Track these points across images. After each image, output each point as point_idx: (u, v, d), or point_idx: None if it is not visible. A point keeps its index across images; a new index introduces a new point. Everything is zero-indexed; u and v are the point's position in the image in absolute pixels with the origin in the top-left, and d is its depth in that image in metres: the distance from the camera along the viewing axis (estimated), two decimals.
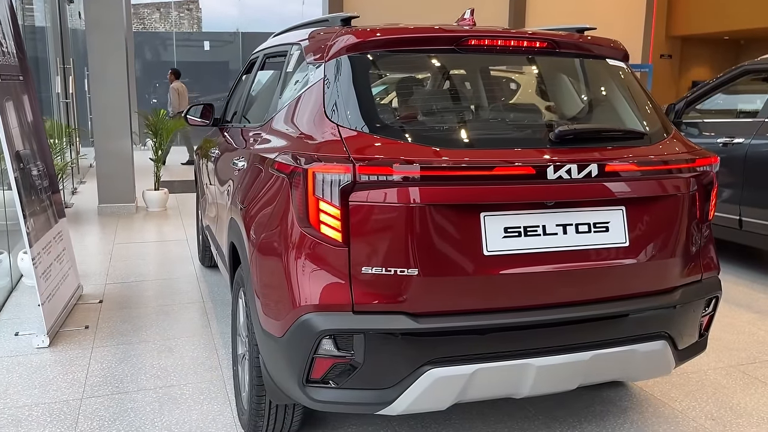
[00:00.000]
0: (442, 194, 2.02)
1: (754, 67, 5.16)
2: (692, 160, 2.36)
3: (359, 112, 2.17)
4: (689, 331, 2.42)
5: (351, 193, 2.00)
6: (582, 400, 2.96)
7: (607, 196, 2.19)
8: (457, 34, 2.34)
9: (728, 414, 2.88)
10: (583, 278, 2.18)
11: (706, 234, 2.48)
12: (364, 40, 2.30)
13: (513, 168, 2.06)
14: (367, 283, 2.03)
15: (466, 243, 2.06)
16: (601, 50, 2.59)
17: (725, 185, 4.95)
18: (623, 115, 2.53)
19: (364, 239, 2.02)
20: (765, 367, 3.39)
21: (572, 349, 2.17)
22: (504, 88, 2.83)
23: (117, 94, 7.24)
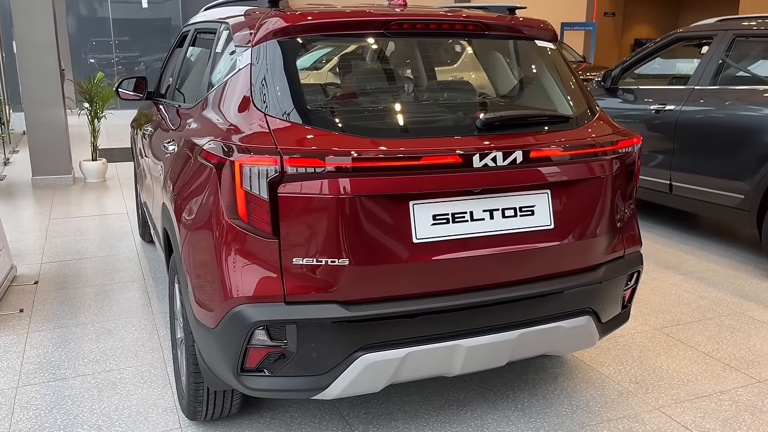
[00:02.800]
0: (371, 184, 2.03)
1: (686, 34, 5.29)
2: (616, 141, 2.44)
3: (287, 101, 2.14)
4: (612, 305, 2.55)
5: (279, 185, 1.99)
6: (515, 369, 3.09)
7: (533, 181, 2.25)
8: (387, 18, 2.32)
9: (651, 376, 3.06)
10: (509, 261, 2.25)
11: (629, 211, 2.59)
12: (292, 24, 2.26)
13: (440, 157, 2.09)
14: (298, 274, 2.05)
15: (395, 231, 2.09)
16: (531, 31, 2.61)
17: (657, 151, 5.12)
18: (551, 97, 2.58)
19: (294, 230, 2.03)
20: (687, 329, 3.59)
21: (500, 329, 2.26)
22: (434, 72, 2.84)
23: (46, 56, 6.89)
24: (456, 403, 2.80)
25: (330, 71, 2.55)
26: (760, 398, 2.86)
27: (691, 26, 5.35)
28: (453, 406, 2.78)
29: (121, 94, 4.08)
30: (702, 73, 4.90)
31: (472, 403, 2.81)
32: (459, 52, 2.74)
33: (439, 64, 2.88)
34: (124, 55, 18.09)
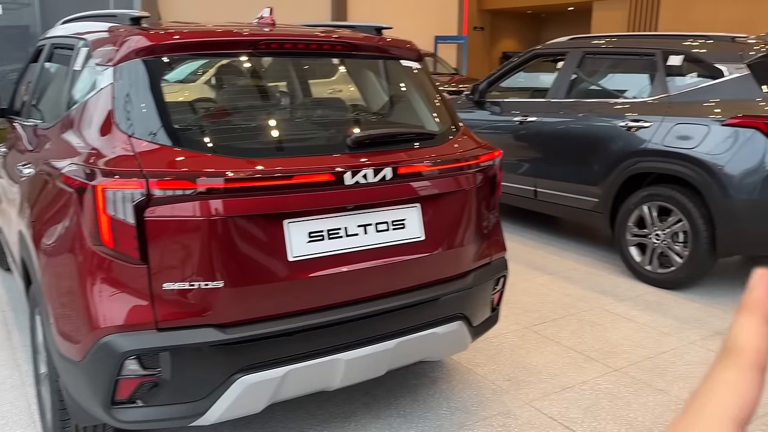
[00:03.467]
0: (243, 205, 2.03)
1: (543, 51, 5.71)
2: (478, 155, 2.60)
3: (153, 122, 2.09)
4: (482, 309, 2.70)
5: (146, 208, 1.94)
6: (396, 377, 3.19)
7: (403, 196, 2.34)
8: (255, 38, 2.33)
9: (522, 373, 3.27)
10: (384, 273, 2.32)
11: (494, 220, 2.76)
12: (157, 43, 2.20)
13: (312, 176, 2.13)
14: (170, 299, 2.00)
15: (270, 251, 2.10)
16: (397, 51, 2.72)
17: (523, 160, 5.47)
18: (417, 115, 2.70)
19: (164, 255, 1.98)
20: (554, 325, 3.87)
21: (378, 340, 2.33)
22: (303, 92, 2.88)
23: None
24: (341, 416, 2.84)
25: (198, 91, 2.51)
26: (616, 385, 3.14)
27: (547, 44, 5.78)
28: (337, 418, 2.82)
29: None
30: (558, 87, 5.30)
31: (356, 413, 2.86)
32: (330, 71, 2.80)
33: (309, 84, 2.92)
34: None
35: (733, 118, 4.00)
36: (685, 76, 4.48)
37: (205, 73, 2.59)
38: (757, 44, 4.27)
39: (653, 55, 4.63)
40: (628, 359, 3.42)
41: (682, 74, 4.49)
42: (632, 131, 4.55)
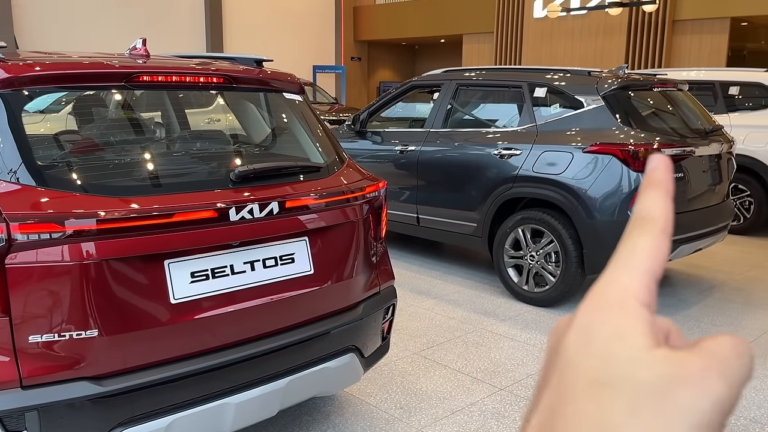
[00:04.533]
0: (119, 246, 1.91)
1: (419, 82, 5.92)
2: (364, 187, 2.63)
3: (13, 160, 1.92)
4: (373, 339, 2.71)
5: (7, 255, 1.77)
6: (289, 414, 3.11)
7: (290, 230, 2.31)
8: (127, 70, 2.22)
9: (413, 400, 3.30)
10: (274, 310, 2.27)
11: (381, 250, 2.79)
12: (16, 75, 2.04)
13: (194, 213, 2.05)
14: (37, 353, 1.83)
15: (151, 293, 1.99)
16: (279, 84, 2.71)
17: (405, 187, 5.61)
18: (303, 147, 2.69)
19: (29, 305, 1.81)
20: (441, 349, 3.96)
21: (268, 380, 2.26)
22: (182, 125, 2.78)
23: None
24: None
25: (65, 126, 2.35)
26: (503, 405, 3.26)
27: (423, 75, 6.00)
28: None
29: None
30: (435, 117, 5.51)
31: None
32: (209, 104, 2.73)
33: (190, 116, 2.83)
34: None
35: (593, 146, 4.36)
36: (550, 106, 4.83)
37: (72, 106, 2.43)
38: (609, 78, 4.69)
39: (520, 87, 4.95)
40: (512, 378, 3.57)
41: (547, 105, 4.83)
42: (505, 159, 4.81)
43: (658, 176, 0.40)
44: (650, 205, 0.39)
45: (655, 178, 0.40)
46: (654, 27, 12.59)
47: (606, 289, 0.37)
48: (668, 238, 0.38)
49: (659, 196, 0.39)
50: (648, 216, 0.39)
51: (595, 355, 0.34)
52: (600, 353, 0.34)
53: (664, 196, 0.39)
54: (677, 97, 5.10)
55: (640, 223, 0.39)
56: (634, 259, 0.37)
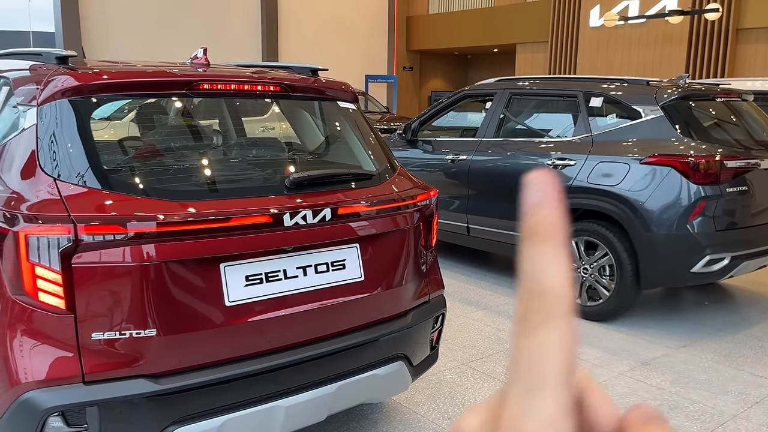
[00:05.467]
0: (177, 249, 1.97)
1: (472, 92, 5.90)
2: (415, 195, 2.63)
3: (81, 164, 2.01)
4: (422, 348, 2.70)
5: (74, 255, 1.85)
6: (337, 419, 3.12)
7: (342, 237, 2.33)
8: (188, 78, 2.30)
9: (461, 411, 3.27)
10: (324, 315, 2.29)
11: (431, 258, 2.78)
12: (85, 83, 2.13)
13: (250, 218, 2.09)
14: (99, 350, 1.90)
15: (206, 296, 2.04)
16: (333, 93, 2.74)
17: (455, 197, 5.58)
18: (355, 155, 2.72)
19: (92, 303, 1.88)
20: (490, 361, 3.91)
21: (318, 384, 2.28)
22: (239, 133, 2.85)
23: None
24: None
25: (129, 132, 2.44)
26: None
27: (475, 84, 5.98)
28: None
29: None
30: (487, 126, 5.48)
31: None
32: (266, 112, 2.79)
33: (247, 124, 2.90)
34: None
35: (651, 157, 4.24)
36: (606, 116, 4.73)
37: (136, 113, 2.53)
38: (669, 87, 4.56)
39: (575, 96, 4.87)
40: None
41: (603, 115, 4.73)
42: (558, 169, 4.73)
43: (544, 219, 0.30)
44: (545, 274, 0.30)
45: (539, 224, 0.30)
46: (717, 35, 12.19)
47: (524, 426, 0.29)
48: (573, 314, 0.29)
49: (552, 254, 0.30)
50: (545, 292, 0.29)
51: None
52: None
53: (558, 251, 0.30)
54: (741, 108, 4.91)
55: (539, 304, 0.30)
56: (547, 372, 0.29)
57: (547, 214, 0.30)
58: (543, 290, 0.30)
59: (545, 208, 0.30)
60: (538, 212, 0.30)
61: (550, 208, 0.30)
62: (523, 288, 0.31)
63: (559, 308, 0.30)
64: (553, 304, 0.30)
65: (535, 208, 0.30)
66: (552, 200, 0.30)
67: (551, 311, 0.29)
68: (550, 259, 0.30)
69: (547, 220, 0.30)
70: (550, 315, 0.29)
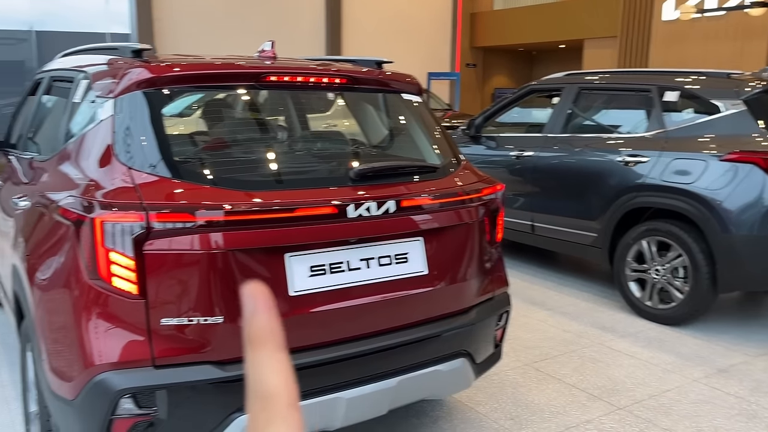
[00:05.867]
0: (244, 238, 1.99)
1: (538, 86, 5.76)
2: (480, 189, 2.57)
3: (154, 154, 2.06)
4: (485, 346, 2.64)
5: (146, 242, 1.89)
6: (397, 415, 3.10)
7: (406, 229, 2.31)
8: (256, 70, 2.32)
9: (525, 412, 3.19)
10: (387, 308, 2.27)
11: (496, 254, 2.72)
12: (158, 75, 2.19)
13: (314, 209, 2.10)
14: (168, 335, 1.94)
15: (271, 285, 2.04)
16: (398, 85, 2.72)
17: (520, 194, 5.46)
18: (419, 148, 2.69)
19: (163, 289, 1.93)
20: (555, 363, 3.80)
21: (380, 377, 2.26)
22: (305, 125, 2.87)
23: None
24: None
25: (199, 123, 2.49)
26: (621, 424, 3.07)
27: (542, 79, 5.83)
28: None
29: None
30: (554, 122, 5.33)
31: None
32: (331, 104, 2.80)
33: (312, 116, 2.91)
34: None
35: (731, 154, 4.02)
36: (682, 111, 4.52)
37: (205, 105, 2.58)
38: (752, 81, 4.31)
39: (649, 90, 4.67)
40: (631, 397, 3.35)
41: (679, 110, 4.52)
42: (629, 166, 4.56)
43: (260, 327, 0.33)
44: (265, 376, 0.33)
45: (257, 331, 0.33)
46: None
47: None
48: (297, 411, 0.33)
49: (269, 358, 0.33)
50: (267, 393, 0.33)
51: None
52: None
53: (276, 354, 0.33)
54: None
55: (262, 407, 0.33)
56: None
57: (261, 322, 0.33)
58: (264, 393, 0.33)
59: (259, 316, 0.33)
60: (253, 321, 0.33)
61: (263, 317, 0.32)
62: (248, 393, 0.33)
63: (279, 408, 0.33)
64: (274, 405, 0.33)
65: (251, 318, 0.33)
66: (265, 309, 0.33)
67: (273, 412, 0.33)
68: (267, 363, 0.33)
69: (262, 327, 0.33)
70: (273, 415, 0.33)
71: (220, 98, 2.46)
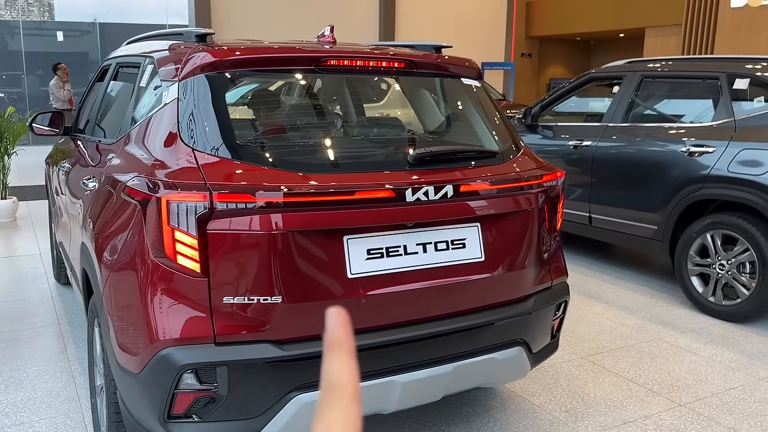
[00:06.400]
0: (303, 220, 2.01)
1: (599, 74, 5.60)
2: (540, 176, 2.52)
3: (216, 136, 2.10)
4: (542, 335, 2.60)
5: (209, 221, 1.93)
6: (449, 403, 3.09)
7: (463, 215, 2.28)
8: (316, 54, 2.33)
9: (580, 405, 3.13)
10: (443, 294, 2.26)
11: (555, 243, 2.67)
12: (220, 59, 2.23)
13: (373, 192, 2.10)
14: (229, 314, 1.98)
15: (329, 267, 2.07)
16: (457, 69, 2.69)
17: (577, 185, 5.34)
18: (478, 133, 2.65)
19: (224, 268, 1.96)
20: (611, 356, 3.71)
21: (435, 363, 2.25)
22: (364, 108, 2.86)
23: None
24: None
25: (260, 106, 2.52)
26: (682, 421, 2.97)
27: (602, 67, 5.67)
28: None
29: (35, 130, 3.88)
30: (614, 111, 5.18)
31: None
32: (387, 89, 2.79)
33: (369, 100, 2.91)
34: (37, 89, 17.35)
35: None
36: (752, 99, 4.32)
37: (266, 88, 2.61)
38: None
39: (717, 78, 4.48)
40: (693, 394, 3.24)
41: (749, 98, 4.32)
42: (694, 156, 4.39)
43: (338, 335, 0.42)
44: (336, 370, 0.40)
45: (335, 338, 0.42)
46: None
47: None
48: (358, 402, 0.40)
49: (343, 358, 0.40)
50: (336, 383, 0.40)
51: None
52: None
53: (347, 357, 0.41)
54: None
55: (329, 394, 0.40)
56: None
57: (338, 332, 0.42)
58: (333, 384, 0.40)
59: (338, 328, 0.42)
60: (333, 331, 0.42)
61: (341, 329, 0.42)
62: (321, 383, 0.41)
63: (344, 397, 0.39)
64: (340, 394, 0.40)
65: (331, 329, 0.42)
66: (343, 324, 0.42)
67: (338, 399, 0.39)
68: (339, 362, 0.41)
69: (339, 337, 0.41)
70: (337, 402, 0.39)
71: (281, 82, 2.48)
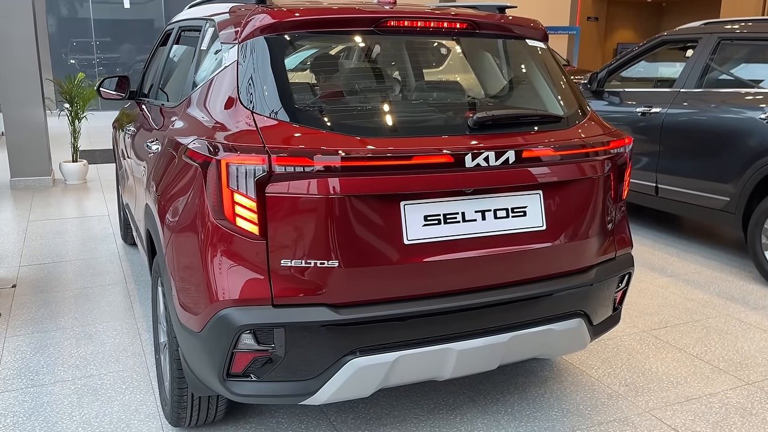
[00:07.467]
0: (361, 184, 1.99)
1: (671, 37, 5.31)
2: (607, 142, 2.42)
3: (275, 99, 2.09)
4: (604, 308, 2.52)
5: (267, 184, 1.94)
6: (505, 372, 3.06)
7: (525, 182, 2.21)
8: (376, 15, 2.28)
9: (641, 379, 3.04)
10: (501, 263, 2.21)
11: (621, 213, 2.56)
12: (280, 21, 2.20)
13: (432, 157, 2.05)
14: (286, 276, 1.99)
15: (386, 232, 2.05)
16: (522, 30, 2.58)
17: (643, 153, 5.13)
18: (542, 97, 2.55)
19: (282, 231, 1.97)
20: (676, 331, 3.59)
21: (492, 332, 2.22)
22: (424, 71, 2.80)
23: (25, 57, 6.76)
24: (445, 408, 2.76)
25: (318, 69, 2.50)
26: (749, 400, 2.85)
27: (676, 29, 5.38)
28: (442, 410, 2.74)
29: (102, 94, 3.99)
30: (687, 76, 4.92)
31: (462, 407, 2.77)
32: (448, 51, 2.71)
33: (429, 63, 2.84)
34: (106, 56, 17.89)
35: None
36: None
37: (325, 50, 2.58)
38: None
39: None
40: (763, 373, 3.10)
41: None
42: None
43: None
44: None
45: None
46: None
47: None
48: None
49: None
50: None
51: None
52: None
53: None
54: None
55: None
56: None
57: None
58: None
59: None
60: None
61: None
62: None
63: None
64: None
65: None
66: None
67: None
68: None
69: None
70: None
71: (340, 44, 2.45)
